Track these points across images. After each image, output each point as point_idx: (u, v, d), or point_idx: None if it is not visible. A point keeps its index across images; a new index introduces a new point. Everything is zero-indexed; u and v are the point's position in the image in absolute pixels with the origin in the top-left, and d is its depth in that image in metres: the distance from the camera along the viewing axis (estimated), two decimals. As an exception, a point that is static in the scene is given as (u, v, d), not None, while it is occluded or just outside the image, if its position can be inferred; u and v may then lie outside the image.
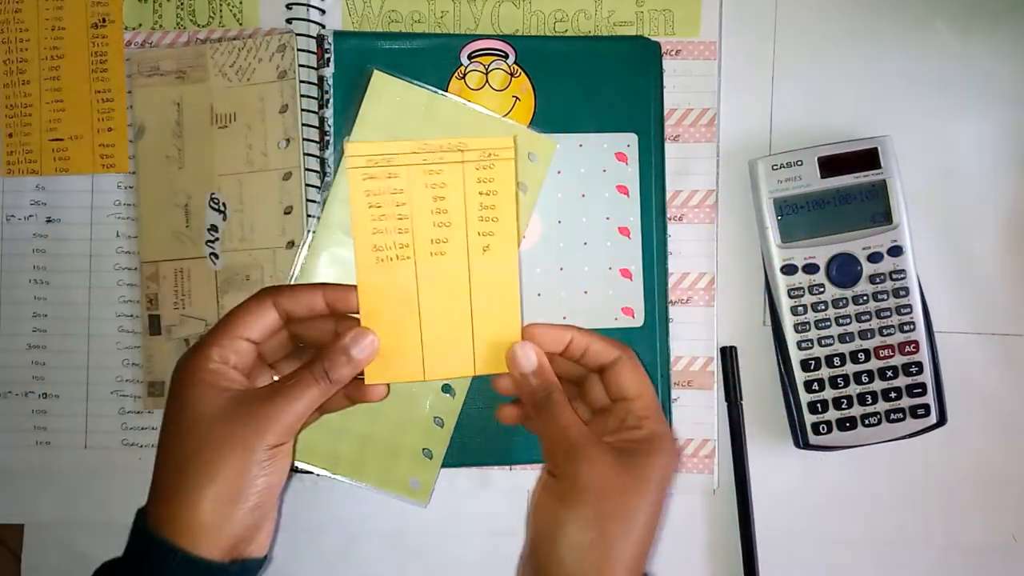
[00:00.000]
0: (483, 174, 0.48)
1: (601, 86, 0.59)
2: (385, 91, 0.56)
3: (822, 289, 0.57)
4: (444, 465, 0.57)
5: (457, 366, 0.49)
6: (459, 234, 0.48)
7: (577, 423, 0.46)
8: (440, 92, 0.57)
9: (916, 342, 0.57)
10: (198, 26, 0.61)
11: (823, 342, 0.57)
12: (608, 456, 0.45)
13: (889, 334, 0.57)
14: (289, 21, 0.60)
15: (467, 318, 0.48)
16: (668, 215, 0.60)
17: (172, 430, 0.45)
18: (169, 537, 0.43)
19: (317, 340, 0.49)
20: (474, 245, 0.48)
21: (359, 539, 0.59)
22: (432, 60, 0.59)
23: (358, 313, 0.48)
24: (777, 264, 0.57)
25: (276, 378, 0.48)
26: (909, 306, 0.57)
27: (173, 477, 0.44)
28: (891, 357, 0.57)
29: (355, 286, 0.48)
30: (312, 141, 0.59)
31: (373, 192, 0.47)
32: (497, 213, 0.48)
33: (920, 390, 0.57)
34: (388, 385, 0.49)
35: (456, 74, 0.59)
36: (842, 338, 0.57)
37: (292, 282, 0.56)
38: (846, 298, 0.57)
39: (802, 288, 0.57)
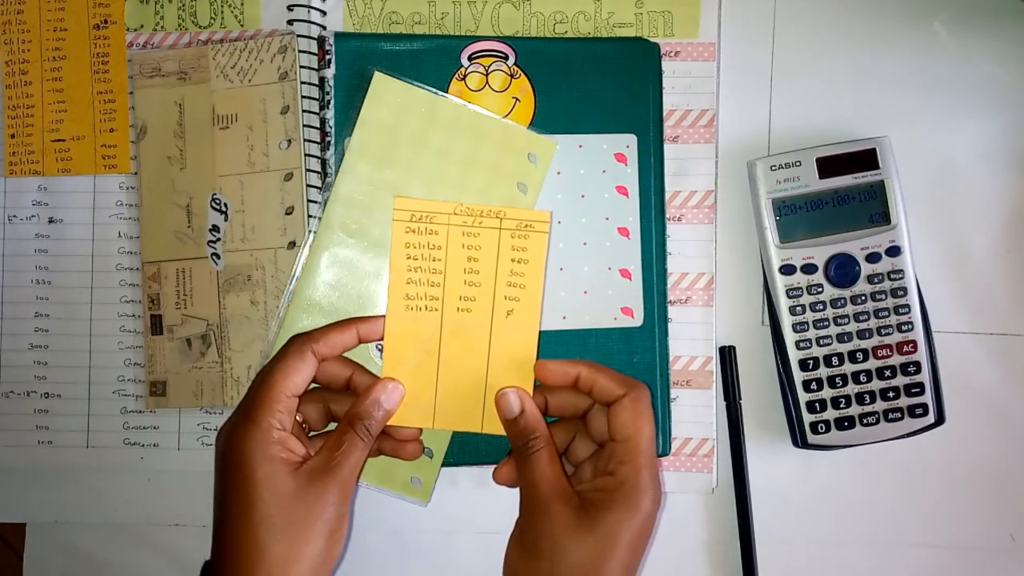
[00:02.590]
0: (517, 243, 0.51)
1: (601, 87, 0.59)
2: (386, 92, 0.56)
3: (820, 289, 0.57)
4: (444, 464, 0.57)
5: (466, 420, 0.51)
6: (487, 294, 0.51)
7: (548, 476, 0.46)
8: (440, 93, 0.57)
9: (914, 342, 0.57)
10: (199, 27, 0.61)
11: (821, 342, 0.57)
12: (570, 514, 0.44)
13: (887, 334, 0.57)
14: (290, 22, 0.60)
15: (482, 376, 0.51)
16: (667, 215, 0.60)
17: (243, 509, 0.44)
18: None
19: (329, 381, 0.51)
20: (499, 307, 0.51)
21: (359, 538, 0.60)
22: (432, 61, 0.59)
23: (382, 340, 0.51)
24: (776, 264, 0.57)
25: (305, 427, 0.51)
26: (907, 306, 0.57)
27: (256, 557, 0.44)
28: (889, 357, 0.57)
29: (381, 316, 0.51)
30: (313, 142, 0.59)
31: (413, 244, 0.51)
32: (525, 281, 0.51)
33: (918, 390, 0.57)
34: (421, 441, 0.52)
35: (456, 75, 0.59)
36: (840, 338, 0.57)
37: (293, 282, 0.56)
38: (844, 298, 0.57)
39: (800, 288, 0.57)
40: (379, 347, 0.52)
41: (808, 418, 0.57)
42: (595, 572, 0.43)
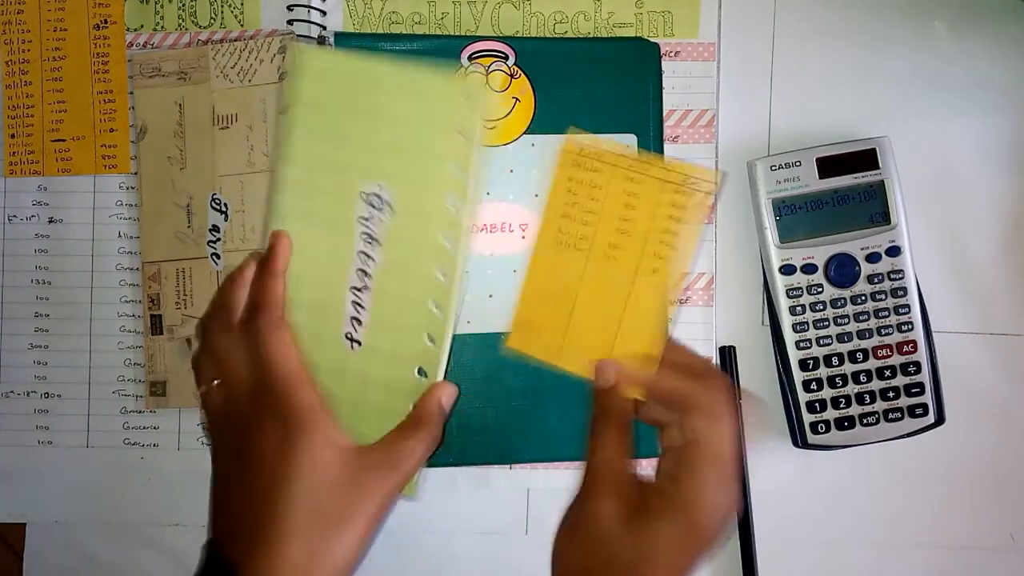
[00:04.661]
0: (677, 199, 0.48)
1: (601, 87, 0.59)
2: (323, 66, 0.51)
3: (820, 289, 0.57)
4: (444, 464, 0.57)
5: (589, 366, 0.49)
6: (636, 246, 0.49)
7: (612, 463, 0.44)
8: (374, 58, 0.50)
9: (914, 342, 0.57)
10: (199, 27, 0.61)
11: (821, 342, 0.57)
12: (621, 510, 0.42)
13: (887, 334, 0.57)
14: (290, 22, 0.60)
15: (614, 327, 0.49)
16: (667, 215, 0.60)
17: (283, 490, 0.42)
18: None
19: None
20: (645, 263, 0.49)
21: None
22: (433, 61, 0.59)
23: None
24: (776, 264, 0.57)
25: None
26: (907, 306, 0.57)
27: (285, 544, 0.42)
28: (889, 357, 0.57)
29: (273, 234, 0.48)
30: (313, 142, 0.59)
31: (575, 179, 0.49)
32: (678, 241, 0.48)
33: (918, 389, 0.57)
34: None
35: (456, 75, 0.59)
36: (840, 338, 0.57)
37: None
38: (844, 298, 0.57)
39: (800, 288, 0.57)
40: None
41: (808, 418, 0.57)
42: (631, 570, 0.42)
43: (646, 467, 0.46)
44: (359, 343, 0.48)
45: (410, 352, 0.48)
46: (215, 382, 0.46)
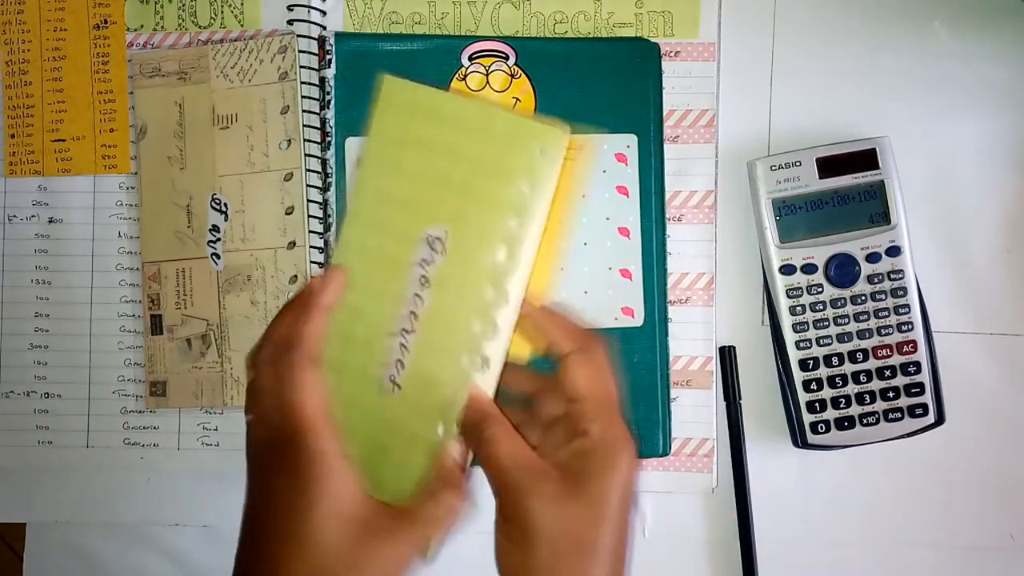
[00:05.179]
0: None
1: (601, 87, 0.59)
2: (394, 95, 0.49)
3: (820, 289, 0.57)
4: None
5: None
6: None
7: (519, 456, 0.42)
8: (445, 89, 0.52)
9: (914, 342, 0.57)
10: (199, 27, 0.61)
11: (821, 342, 0.57)
12: (555, 487, 0.41)
13: (887, 334, 0.57)
14: (290, 22, 0.60)
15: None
16: (667, 215, 0.60)
17: (302, 537, 0.40)
18: None
19: None
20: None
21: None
22: (433, 61, 0.59)
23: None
24: (776, 264, 0.57)
25: None
26: (907, 306, 0.57)
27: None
28: (889, 357, 0.57)
29: (331, 271, 0.46)
30: (313, 142, 0.59)
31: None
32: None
33: (918, 389, 0.57)
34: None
35: (457, 75, 0.59)
36: (840, 338, 0.57)
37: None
38: (844, 298, 0.57)
39: (800, 288, 0.57)
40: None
41: (808, 418, 0.57)
42: (591, 541, 0.41)
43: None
44: (399, 387, 0.45)
45: (435, 405, 0.45)
46: (250, 417, 0.44)
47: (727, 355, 0.60)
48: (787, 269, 0.57)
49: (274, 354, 0.44)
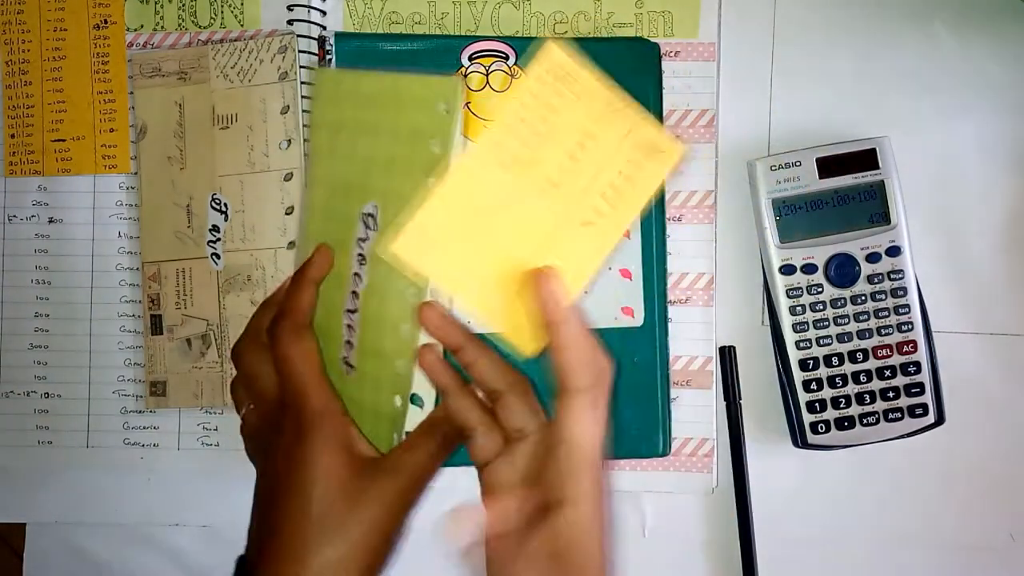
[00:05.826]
0: (635, 157, 0.42)
1: (601, 87, 0.59)
2: (325, 86, 0.49)
3: (820, 289, 0.57)
4: (444, 464, 0.57)
5: (477, 299, 0.43)
6: (575, 190, 0.42)
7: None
8: (362, 69, 0.49)
9: (914, 342, 0.57)
10: (199, 27, 0.61)
11: (821, 342, 0.57)
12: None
13: (887, 334, 0.57)
14: (290, 22, 0.60)
15: (517, 270, 0.42)
16: (667, 215, 0.60)
17: (295, 501, 0.41)
18: None
19: None
20: (579, 213, 0.42)
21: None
22: (433, 61, 0.59)
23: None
24: (776, 264, 0.57)
25: None
26: (907, 306, 0.57)
27: (314, 535, 0.41)
28: (889, 357, 0.57)
29: (319, 248, 0.46)
30: (313, 142, 0.59)
31: (535, 95, 0.41)
32: (621, 201, 0.42)
33: (918, 389, 0.57)
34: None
35: (457, 75, 0.59)
36: (840, 338, 0.57)
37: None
38: (844, 298, 0.57)
39: (800, 288, 0.57)
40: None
41: (808, 418, 0.57)
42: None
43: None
44: (352, 367, 0.46)
45: (387, 378, 0.45)
46: (250, 406, 0.46)
47: (727, 355, 0.60)
48: (787, 269, 0.57)
49: (268, 327, 0.45)
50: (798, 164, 0.57)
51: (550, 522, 0.39)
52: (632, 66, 0.59)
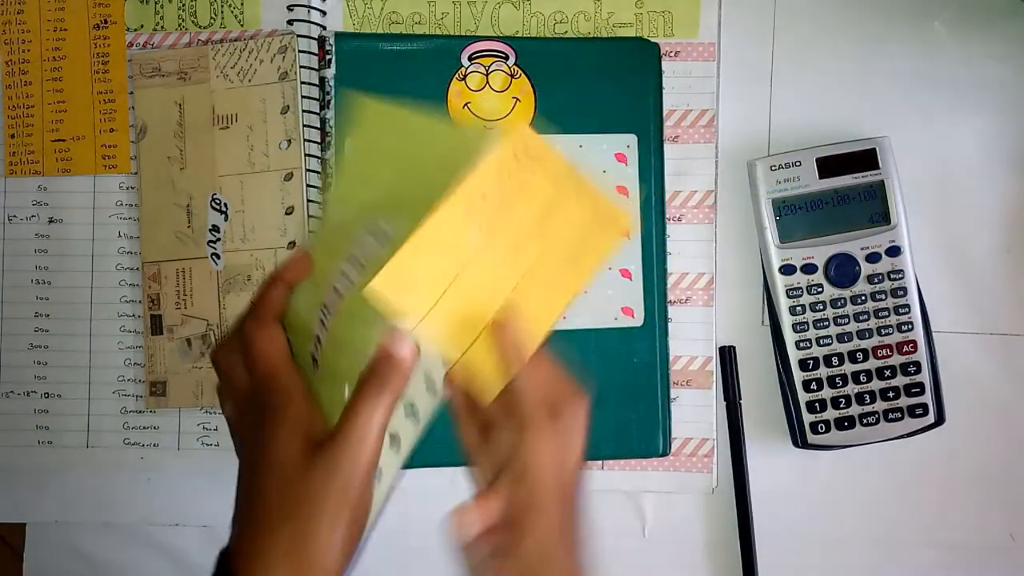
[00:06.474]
0: (592, 228, 0.46)
1: (601, 87, 0.59)
2: (366, 115, 0.51)
3: (820, 289, 0.57)
4: (444, 464, 0.57)
5: (447, 342, 0.45)
6: (538, 253, 0.46)
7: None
8: (419, 109, 0.49)
9: (914, 342, 0.57)
10: (199, 27, 0.61)
11: (821, 342, 0.57)
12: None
13: (887, 334, 0.57)
14: (290, 22, 0.60)
15: (483, 320, 0.45)
16: (667, 215, 0.60)
17: (255, 485, 0.42)
18: None
19: None
20: (542, 273, 0.46)
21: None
22: (433, 61, 0.59)
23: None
24: (776, 264, 0.57)
25: None
26: (907, 306, 0.57)
27: (264, 543, 0.41)
28: (889, 357, 0.57)
29: (297, 251, 0.47)
30: (313, 142, 0.59)
31: (505, 168, 0.45)
32: (578, 266, 0.46)
33: (918, 389, 0.57)
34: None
35: (457, 75, 0.59)
36: (840, 338, 0.57)
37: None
38: (844, 298, 0.57)
39: (800, 288, 0.57)
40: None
41: (808, 418, 0.57)
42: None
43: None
44: (318, 364, 0.46)
45: (344, 370, 0.45)
46: (228, 405, 0.46)
47: (727, 355, 0.60)
48: (787, 269, 0.57)
49: (238, 326, 0.45)
50: (798, 164, 0.57)
51: (514, 551, 0.42)
52: (632, 66, 0.59)
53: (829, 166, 0.57)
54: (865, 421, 0.57)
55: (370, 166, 0.49)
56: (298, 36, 0.59)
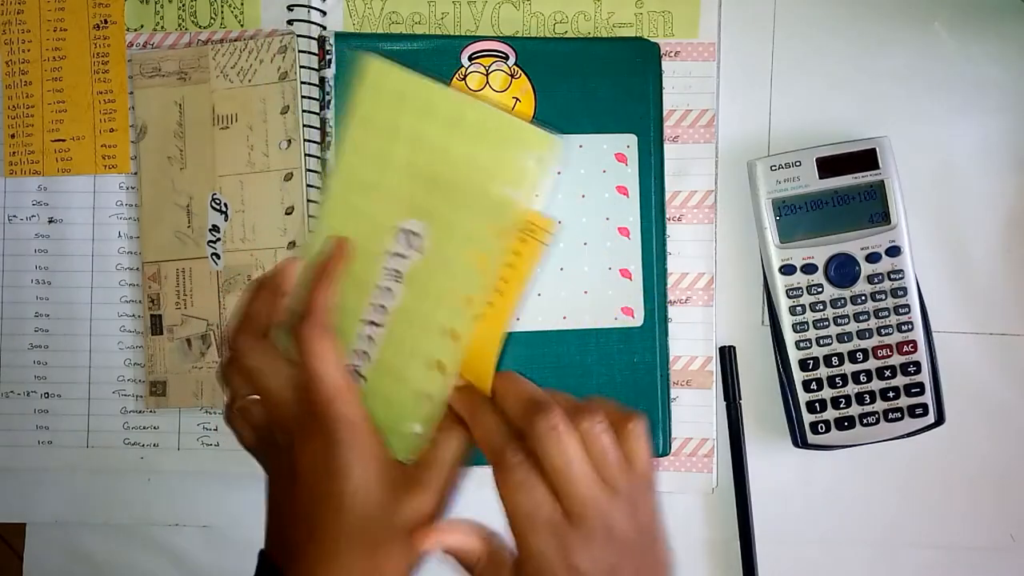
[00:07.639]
0: (514, 244, 0.43)
1: (601, 87, 0.59)
2: (383, 81, 0.48)
3: (820, 289, 0.57)
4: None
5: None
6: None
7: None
8: (439, 83, 0.48)
9: (914, 342, 0.57)
10: (199, 27, 0.61)
11: (821, 342, 0.57)
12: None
13: (887, 334, 0.57)
14: (290, 22, 0.60)
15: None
16: (667, 215, 0.60)
17: (337, 502, 0.41)
18: None
19: None
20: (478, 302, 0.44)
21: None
22: (433, 61, 0.59)
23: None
24: (776, 264, 0.57)
25: None
26: (907, 306, 0.57)
27: (346, 546, 0.41)
28: (889, 357, 0.57)
29: (285, 261, 0.46)
30: (313, 142, 0.59)
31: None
32: (505, 287, 0.43)
33: (918, 389, 0.57)
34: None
35: (457, 75, 0.59)
36: (840, 338, 0.57)
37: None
38: (844, 298, 0.57)
39: (800, 288, 0.57)
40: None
41: (808, 418, 0.57)
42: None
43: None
44: (364, 379, 0.45)
45: (403, 403, 0.44)
46: (253, 397, 0.45)
47: (727, 355, 0.60)
48: (787, 269, 0.57)
49: (293, 325, 0.44)
50: (798, 164, 0.57)
51: None
52: (632, 66, 0.59)
53: (829, 166, 0.57)
54: (865, 421, 0.57)
55: (375, 140, 0.46)
56: (298, 36, 0.59)
